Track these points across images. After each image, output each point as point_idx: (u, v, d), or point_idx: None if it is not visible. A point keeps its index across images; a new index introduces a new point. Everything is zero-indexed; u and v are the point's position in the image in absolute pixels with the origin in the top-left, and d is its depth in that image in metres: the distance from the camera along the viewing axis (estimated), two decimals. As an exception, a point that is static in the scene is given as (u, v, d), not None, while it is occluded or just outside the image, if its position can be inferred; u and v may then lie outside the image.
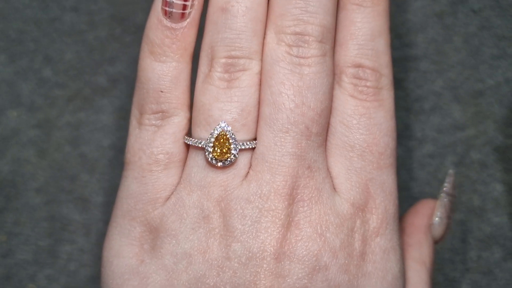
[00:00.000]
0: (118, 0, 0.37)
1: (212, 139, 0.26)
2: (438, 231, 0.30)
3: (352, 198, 0.26)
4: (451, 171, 0.31)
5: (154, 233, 0.27)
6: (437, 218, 0.30)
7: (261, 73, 0.27)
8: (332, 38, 0.27)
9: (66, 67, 0.37)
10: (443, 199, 0.30)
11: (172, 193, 0.27)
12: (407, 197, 0.36)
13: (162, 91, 0.27)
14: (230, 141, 0.26)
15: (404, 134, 0.36)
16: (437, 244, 0.31)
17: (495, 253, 0.35)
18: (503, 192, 0.35)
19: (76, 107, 0.36)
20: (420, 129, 0.36)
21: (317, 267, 0.25)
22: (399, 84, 0.36)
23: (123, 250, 0.27)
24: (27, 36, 0.37)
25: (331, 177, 0.27)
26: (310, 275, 0.25)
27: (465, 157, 0.36)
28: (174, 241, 0.26)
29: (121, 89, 0.36)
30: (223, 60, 0.26)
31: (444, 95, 0.36)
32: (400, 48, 0.37)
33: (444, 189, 0.31)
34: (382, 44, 0.27)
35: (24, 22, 0.37)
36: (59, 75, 0.37)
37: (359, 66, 0.27)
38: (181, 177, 0.27)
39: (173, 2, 0.26)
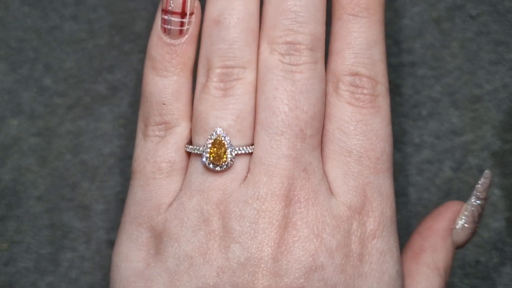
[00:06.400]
0: (117, 9, 0.37)
1: (209, 145, 0.27)
2: (460, 236, 0.29)
3: (349, 201, 0.27)
4: (487, 172, 0.30)
5: (159, 238, 0.27)
6: (460, 222, 0.29)
7: (256, 81, 0.28)
8: (322, 46, 0.28)
9: (66, 75, 0.37)
10: (472, 203, 0.29)
11: (175, 199, 0.28)
12: (405, 202, 0.36)
13: (164, 104, 0.28)
14: (226, 146, 0.27)
15: (402, 140, 0.36)
16: (458, 249, 0.30)
17: (494, 258, 0.35)
18: (501, 197, 0.36)
19: (76, 115, 0.36)
20: (418, 134, 0.36)
21: (314, 267, 0.26)
22: (397, 90, 0.37)
23: (131, 255, 0.28)
24: (27, 44, 0.37)
25: (328, 181, 0.27)
26: (306, 275, 0.26)
27: (463, 163, 0.36)
28: (176, 244, 0.27)
29: (120, 97, 0.37)
30: (218, 70, 0.27)
31: (442, 101, 0.36)
32: (398, 54, 0.37)
33: (475, 191, 0.29)
34: (378, 53, 0.28)
35: (24, 31, 0.37)
36: (59, 83, 0.37)
37: (355, 74, 0.28)
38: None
39: (171, 20, 0.28)
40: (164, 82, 0.28)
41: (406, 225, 0.35)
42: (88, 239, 0.35)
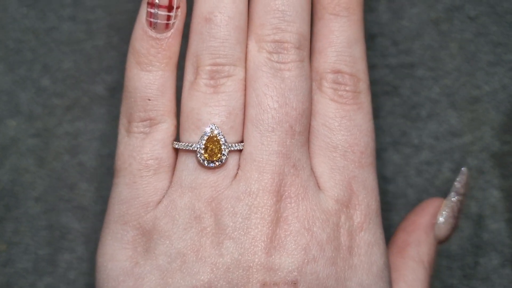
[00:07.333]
0: (115, 10, 0.37)
1: (203, 141, 0.27)
2: (442, 231, 0.30)
3: (336, 195, 0.27)
4: (463, 169, 0.31)
5: (147, 236, 0.27)
6: (441, 218, 0.30)
7: (245, 79, 0.28)
8: (308, 45, 0.28)
9: (64, 76, 0.37)
10: (451, 198, 0.31)
11: (163, 196, 0.28)
12: (404, 204, 0.36)
13: (149, 99, 0.28)
14: (221, 142, 0.27)
15: (401, 141, 0.36)
16: (442, 244, 0.31)
17: (493, 260, 0.35)
18: (501, 198, 0.36)
19: (74, 116, 0.36)
20: (417, 136, 0.36)
21: (306, 260, 0.26)
22: (396, 91, 0.36)
23: (117, 254, 0.27)
24: (25, 45, 0.37)
25: (315, 176, 0.28)
26: (299, 268, 0.26)
27: (462, 164, 0.36)
28: (167, 242, 0.27)
29: (118, 98, 0.36)
30: (209, 68, 0.28)
31: (441, 102, 0.36)
32: (397, 55, 0.37)
33: (454, 187, 0.31)
34: (358, 51, 0.29)
35: (22, 32, 0.37)
36: (57, 84, 0.37)
37: (338, 72, 0.28)
38: (171, 181, 0.28)
39: (157, 13, 0.28)
40: (149, 77, 0.28)
41: (405, 226, 0.35)
42: (86, 240, 0.35)
